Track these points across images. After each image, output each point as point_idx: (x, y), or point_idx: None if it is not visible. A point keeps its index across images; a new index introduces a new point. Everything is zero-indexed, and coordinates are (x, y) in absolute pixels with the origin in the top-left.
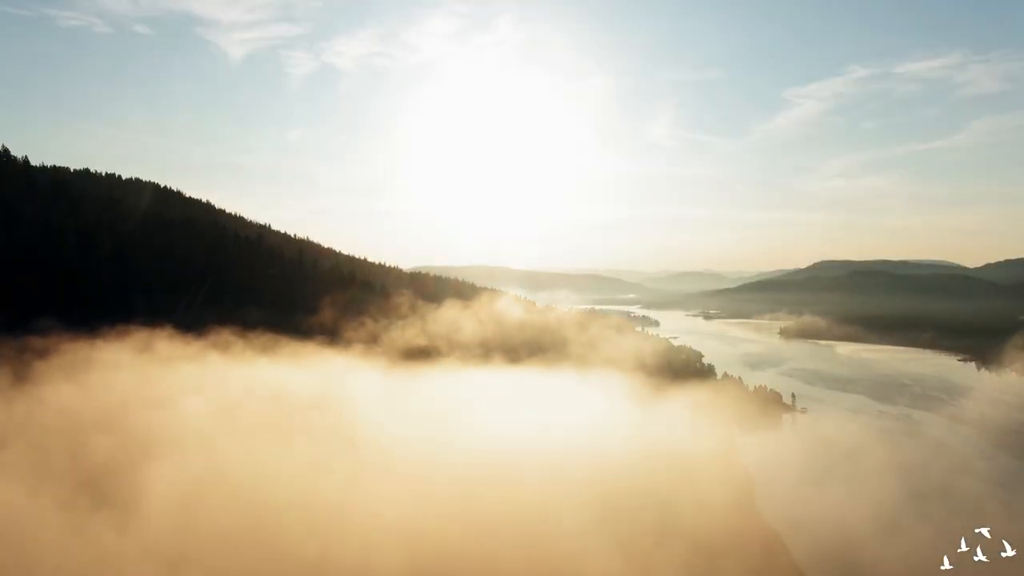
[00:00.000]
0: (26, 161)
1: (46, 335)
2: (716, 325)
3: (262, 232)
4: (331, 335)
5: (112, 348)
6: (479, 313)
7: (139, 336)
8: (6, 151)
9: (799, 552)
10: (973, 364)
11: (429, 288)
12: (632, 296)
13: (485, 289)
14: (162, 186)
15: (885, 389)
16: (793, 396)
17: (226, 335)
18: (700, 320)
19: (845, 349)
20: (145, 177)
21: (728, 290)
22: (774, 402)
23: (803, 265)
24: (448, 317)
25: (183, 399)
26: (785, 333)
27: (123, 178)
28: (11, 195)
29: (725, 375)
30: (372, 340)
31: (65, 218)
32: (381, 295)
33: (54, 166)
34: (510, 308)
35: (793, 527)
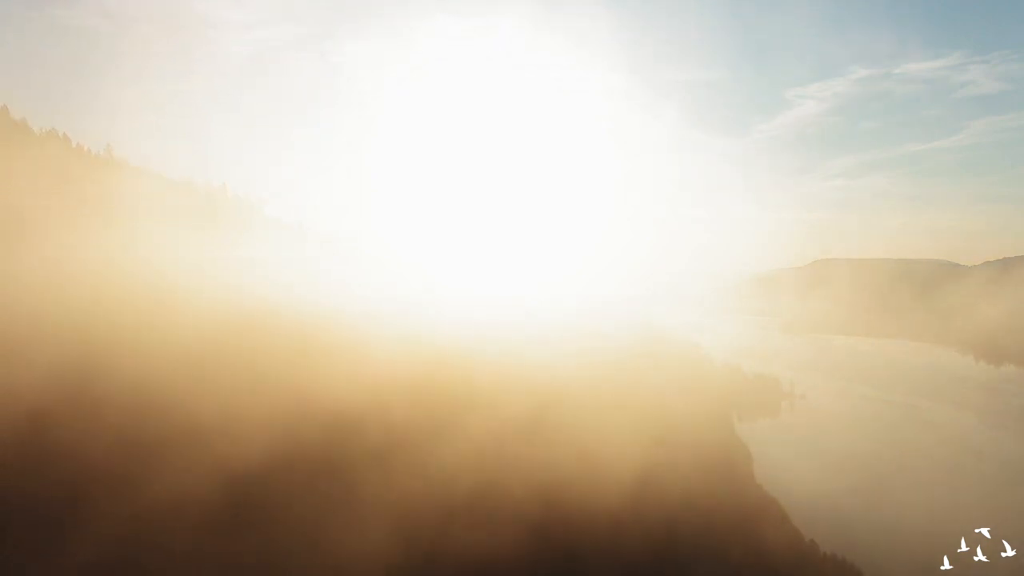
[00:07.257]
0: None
1: None
2: (717, 320)
3: None
4: None
5: None
6: None
7: None
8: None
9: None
10: (971, 356)
11: None
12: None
13: None
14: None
15: (884, 379)
16: (792, 384)
17: None
18: (700, 316)
19: (844, 342)
20: None
21: (729, 287)
22: (773, 389)
23: (803, 264)
24: None
25: None
26: (785, 327)
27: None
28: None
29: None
30: None
31: None
32: None
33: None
34: None
35: (792, 502)
